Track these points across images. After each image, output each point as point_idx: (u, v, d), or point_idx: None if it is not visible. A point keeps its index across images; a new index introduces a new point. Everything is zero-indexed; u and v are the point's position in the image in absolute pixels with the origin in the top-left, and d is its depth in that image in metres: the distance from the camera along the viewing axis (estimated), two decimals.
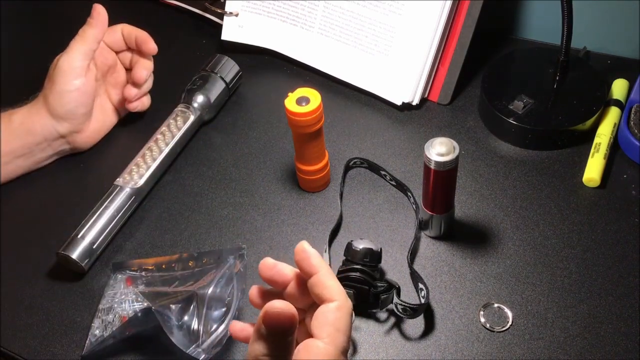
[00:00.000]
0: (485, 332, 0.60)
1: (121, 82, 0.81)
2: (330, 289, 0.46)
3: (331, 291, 0.46)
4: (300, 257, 0.48)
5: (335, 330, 0.45)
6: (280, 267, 0.50)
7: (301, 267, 0.48)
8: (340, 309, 0.46)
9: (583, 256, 0.64)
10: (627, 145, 0.72)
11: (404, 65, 0.80)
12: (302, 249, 0.48)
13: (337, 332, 0.45)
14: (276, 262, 0.50)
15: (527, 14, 0.87)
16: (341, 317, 0.46)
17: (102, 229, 0.68)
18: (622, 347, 0.58)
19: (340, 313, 0.46)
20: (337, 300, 0.46)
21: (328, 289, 0.46)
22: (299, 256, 0.48)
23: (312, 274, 0.47)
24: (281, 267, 0.50)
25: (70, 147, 0.78)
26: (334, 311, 0.46)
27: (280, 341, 0.44)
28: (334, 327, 0.45)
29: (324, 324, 0.45)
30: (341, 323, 0.46)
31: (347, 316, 0.46)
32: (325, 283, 0.47)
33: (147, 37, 0.78)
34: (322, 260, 0.48)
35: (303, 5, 0.86)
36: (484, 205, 0.70)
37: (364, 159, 0.74)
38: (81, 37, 0.74)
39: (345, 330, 0.46)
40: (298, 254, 0.48)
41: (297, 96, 0.65)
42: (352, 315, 0.47)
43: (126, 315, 0.62)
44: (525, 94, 0.76)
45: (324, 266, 0.47)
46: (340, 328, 0.45)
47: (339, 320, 0.46)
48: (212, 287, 0.61)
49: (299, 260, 0.48)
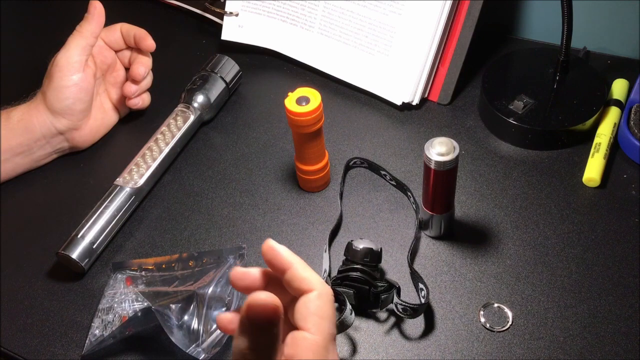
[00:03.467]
0: (485, 332, 0.60)
1: (121, 81, 0.81)
2: (308, 280, 0.46)
3: (309, 282, 0.46)
4: (270, 255, 0.46)
5: (319, 318, 0.45)
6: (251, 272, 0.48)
7: (273, 266, 0.47)
8: (321, 297, 0.45)
9: (583, 256, 0.64)
10: (627, 145, 0.72)
11: (404, 65, 0.80)
12: (270, 246, 0.47)
13: (321, 320, 0.45)
14: (245, 270, 0.48)
15: (527, 14, 0.87)
16: (323, 305, 0.45)
17: (102, 229, 0.68)
18: (622, 347, 0.58)
19: (321, 301, 0.45)
20: (316, 289, 0.45)
21: (305, 280, 0.46)
22: (268, 255, 0.46)
23: (286, 270, 0.46)
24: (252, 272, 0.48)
25: (69, 145, 0.78)
26: (315, 300, 0.45)
27: (264, 334, 0.43)
28: (317, 315, 0.45)
29: (307, 315, 0.45)
30: (324, 310, 0.45)
31: (328, 303, 0.46)
32: (301, 275, 0.46)
33: (145, 34, 0.78)
34: (292, 254, 0.47)
35: (303, 5, 0.86)
36: (484, 205, 0.70)
37: (364, 159, 0.74)
38: (78, 33, 0.75)
39: (329, 316, 0.45)
40: (267, 252, 0.46)
41: (297, 96, 0.65)
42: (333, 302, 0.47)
43: (126, 315, 0.62)
44: (525, 94, 0.76)
45: (295, 259, 0.47)
46: (324, 315, 0.45)
47: (321, 308, 0.45)
48: (212, 286, 0.62)
49: (270, 260, 0.46)
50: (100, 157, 0.80)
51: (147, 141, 0.76)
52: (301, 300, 0.45)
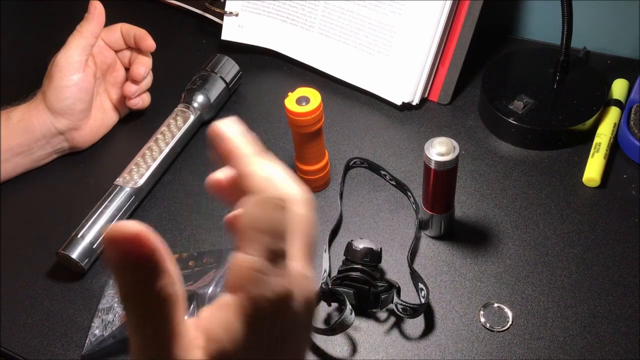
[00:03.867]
0: (485, 332, 0.60)
1: (121, 81, 0.81)
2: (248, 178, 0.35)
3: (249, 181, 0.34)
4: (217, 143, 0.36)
5: (254, 232, 0.32)
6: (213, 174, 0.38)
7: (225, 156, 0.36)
8: (263, 204, 0.32)
9: (583, 256, 0.64)
10: (627, 145, 0.72)
11: (404, 65, 0.80)
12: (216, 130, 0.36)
13: (257, 235, 0.32)
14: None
15: (527, 14, 0.87)
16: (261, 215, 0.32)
17: (102, 229, 0.68)
18: (622, 347, 0.58)
19: (259, 210, 0.32)
20: (255, 192, 0.34)
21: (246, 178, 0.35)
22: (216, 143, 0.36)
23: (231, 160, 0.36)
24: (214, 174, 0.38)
25: (69, 145, 0.78)
26: (252, 207, 0.32)
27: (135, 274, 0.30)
28: (252, 228, 0.32)
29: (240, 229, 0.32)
30: (261, 222, 0.32)
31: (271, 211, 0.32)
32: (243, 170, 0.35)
33: (145, 34, 0.78)
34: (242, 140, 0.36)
35: (303, 5, 0.86)
36: (484, 205, 0.70)
37: (364, 159, 0.74)
38: (78, 32, 0.75)
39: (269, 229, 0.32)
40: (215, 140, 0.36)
41: (297, 96, 0.65)
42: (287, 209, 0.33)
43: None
44: (525, 94, 0.76)
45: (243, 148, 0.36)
46: (261, 227, 0.32)
47: (257, 219, 0.32)
48: (212, 286, 0.61)
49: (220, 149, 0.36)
50: (100, 157, 0.80)
51: (147, 141, 0.76)
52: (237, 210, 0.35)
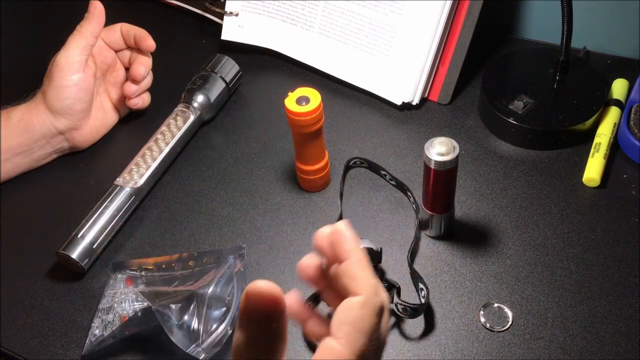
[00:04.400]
0: (485, 332, 0.60)
1: (121, 81, 0.81)
2: (358, 281, 0.40)
3: (358, 284, 0.40)
4: (335, 238, 0.42)
5: (354, 330, 0.39)
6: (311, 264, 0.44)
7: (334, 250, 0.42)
8: (365, 306, 0.40)
9: (583, 256, 0.64)
10: (627, 145, 0.72)
11: (404, 65, 0.80)
12: (339, 230, 0.42)
13: (356, 333, 0.39)
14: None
15: (527, 14, 0.87)
16: (364, 316, 0.40)
17: (102, 229, 0.68)
18: (622, 347, 0.58)
19: (363, 311, 0.40)
20: (362, 295, 0.40)
21: (355, 281, 0.41)
22: (334, 237, 0.42)
23: (343, 261, 0.41)
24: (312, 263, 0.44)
25: (69, 145, 0.78)
26: (357, 308, 0.40)
27: (261, 328, 0.38)
28: (353, 326, 0.39)
29: (342, 322, 0.40)
30: (363, 323, 0.40)
31: (372, 315, 0.40)
32: (354, 273, 0.41)
33: (145, 34, 0.78)
34: (357, 245, 0.42)
35: (303, 5, 0.86)
36: (484, 205, 0.70)
37: (364, 159, 0.74)
38: (79, 32, 0.75)
39: (367, 331, 0.40)
40: (334, 235, 0.42)
41: (297, 96, 0.65)
42: (381, 315, 0.41)
43: (126, 314, 0.62)
44: (525, 94, 0.76)
45: (357, 253, 0.42)
46: (361, 328, 0.39)
47: (360, 320, 0.40)
48: (212, 286, 0.61)
49: (333, 243, 0.42)
50: (100, 157, 0.80)
51: (147, 141, 0.76)
52: (343, 304, 0.41)
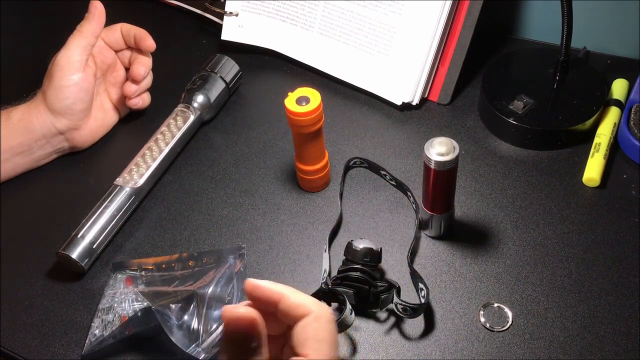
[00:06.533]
0: (485, 332, 0.60)
1: (121, 81, 0.81)
2: (302, 306, 0.43)
3: (304, 307, 0.43)
4: (256, 294, 0.44)
5: (317, 342, 0.42)
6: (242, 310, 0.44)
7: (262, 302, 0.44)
8: (318, 319, 0.43)
9: (583, 256, 0.64)
10: (627, 145, 0.72)
11: (404, 65, 0.80)
12: (253, 285, 0.44)
13: (319, 344, 0.42)
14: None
15: (527, 14, 0.87)
16: (320, 327, 0.43)
17: (102, 229, 0.68)
18: (622, 347, 0.58)
19: (318, 323, 0.43)
20: (312, 312, 0.43)
21: (300, 306, 0.43)
22: (254, 294, 0.44)
23: (277, 302, 0.44)
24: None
25: (69, 144, 0.78)
26: (312, 323, 0.43)
27: (242, 349, 0.41)
28: (315, 339, 0.42)
29: (304, 340, 0.42)
30: (322, 333, 0.43)
31: (327, 324, 0.43)
32: (295, 302, 0.43)
33: (146, 34, 0.78)
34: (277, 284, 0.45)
35: (303, 5, 0.86)
36: (484, 205, 0.70)
37: (364, 159, 0.74)
38: (79, 32, 0.75)
39: (328, 339, 0.43)
40: (252, 292, 0.44)
41: (297, 96, 0.65)
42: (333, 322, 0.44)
43: (126, 314, 0.62)
44: (525, 94, 0.76)
45: (283, 288, 0.44)
46: (321, 338, 0.42)
47: (318, 331, 0.43)
48: (212, 286, 0.62)
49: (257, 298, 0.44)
50: (100, 157, 0.80)
51: (147, 141, 0.76)
52: (298, 326, 0.43)
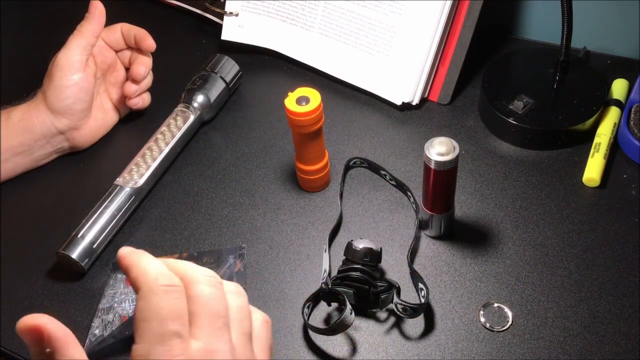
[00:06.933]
0: (485, 332, 0.60)
1: (121, 81, 0.81)
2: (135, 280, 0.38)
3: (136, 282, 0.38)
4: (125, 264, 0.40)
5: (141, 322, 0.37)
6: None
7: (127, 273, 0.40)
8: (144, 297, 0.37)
9: (583, 256, 0.64)
10: (627, 145, 0.72)
11: (404, 65, 0.80)
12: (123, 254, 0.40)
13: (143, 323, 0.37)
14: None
15: (527, 14, 0.87)
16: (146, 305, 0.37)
17: (102, 229, 0.68)
18: (622, 347, 0.58)
19: (143, 301, 0.37)
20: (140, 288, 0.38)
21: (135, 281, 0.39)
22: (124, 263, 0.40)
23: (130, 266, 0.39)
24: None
25: (70, 144, 0.78)
26: (138, 301, 0.38)
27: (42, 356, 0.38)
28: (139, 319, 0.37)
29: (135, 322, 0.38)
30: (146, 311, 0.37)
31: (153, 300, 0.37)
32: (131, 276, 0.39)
33: (146, 34, 0.78)
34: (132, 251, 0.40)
35: (303, 5, 0.86)
36: (484, 205, 0.70)
37: (364, 159, 0.74)
38: (79, 32, 0.75)
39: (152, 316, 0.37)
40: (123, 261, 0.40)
41: (297, 96, 0.65)
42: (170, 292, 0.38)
43: (126, 314, 0.62)
44: (525, 94, 0.76)
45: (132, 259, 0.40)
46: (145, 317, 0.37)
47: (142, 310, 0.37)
48: None
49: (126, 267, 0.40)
50: (100, 157, 0.80)
51: (147, 141, 0.76)
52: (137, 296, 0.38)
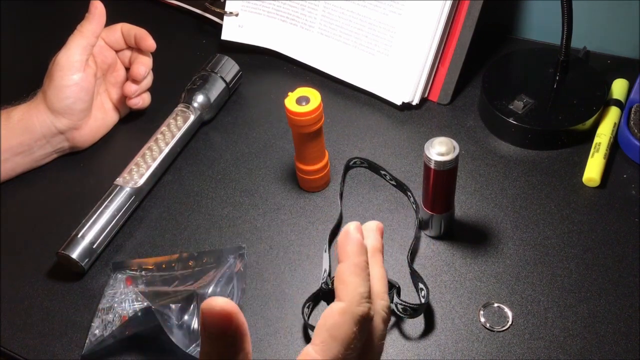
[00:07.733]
0: (485, 332, 0.60)
1: (121, 81, 0.81)
2: (345, 287, 0.40)
3: (344, 289, 0.40)
4: (341, 239, 0.42)
5: (330, 337, 0.39)
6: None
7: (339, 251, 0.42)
8: (344, 314, 0.39)
9: (583, 256, 0.64)
10: (627, 145, 0.72)
11: (404, 65, 0.80)
12: (346, 231, 0.42)
13: (331, 341, 0.39)
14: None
15: (527, 14, 0.87)
16: (341, 324, 0.39)
17: (102, 229, 0.68)
18: (622, 347, 0.58)
19: (341, 318, 0.39)
20: (345, 302, 0.39)
21: (343, 285, 0.40)
22: (341, 238, 0.42)
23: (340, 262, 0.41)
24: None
25: (70, 144, 0.78)
26: (335, 315, 0.39)
27: (220, 343, 0.37)
28: (329, 333, 0.39)
29: (321, 328, 0.39)
30: (339, 330, 0.39)
31: (350, 324, 0.39)
32: (344, 277, 0.40)
33: (146, 34, 0.78)
34: (358, 250, 0.41)
35: (303, 5, 0.86)
36: (484, 205, 0.70)
37: (364, 159, 0.74)
38: (79, 32, 0.75)
39: (343, 339, 0.39)
40: (341, 235, 0.42)
41: (297, 96, 0.65)
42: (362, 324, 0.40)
43: (126, 314, 0.62)
44: (525, 94, 0.76)
45: (354, 258, 0.41)
46: (336, 336, 0.39)
47: (337, 327, 0.39)
48: (212, 286, 0.62)
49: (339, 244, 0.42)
50: (100, 157, 0.80)
51: (147, 141, 0.76)
52: (326, 309, 0.40)
